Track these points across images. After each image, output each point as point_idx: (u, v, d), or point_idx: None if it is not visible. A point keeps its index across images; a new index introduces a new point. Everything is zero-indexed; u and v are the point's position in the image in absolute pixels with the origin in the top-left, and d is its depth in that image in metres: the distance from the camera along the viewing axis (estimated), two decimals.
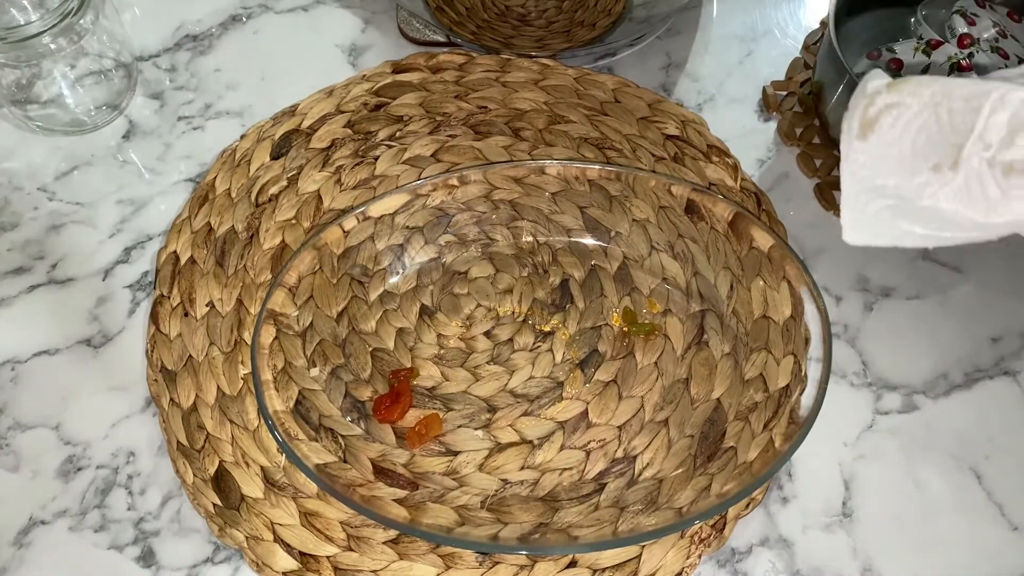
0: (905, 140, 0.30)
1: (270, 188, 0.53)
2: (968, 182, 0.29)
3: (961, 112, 0.29)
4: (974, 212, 0.29)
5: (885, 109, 0.30)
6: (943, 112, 0.29)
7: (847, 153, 0.32)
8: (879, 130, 0.31)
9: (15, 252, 0.53)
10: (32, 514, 0.45)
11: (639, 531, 0.41)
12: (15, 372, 0.49)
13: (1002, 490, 0.46)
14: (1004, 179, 0.29)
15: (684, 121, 0.56)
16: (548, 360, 0.48)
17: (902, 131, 0.30)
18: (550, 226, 0.52)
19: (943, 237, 0.31)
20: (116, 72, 0.58)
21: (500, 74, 0.58)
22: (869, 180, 0.31)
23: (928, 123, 0.30)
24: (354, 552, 0.43)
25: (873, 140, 0.31)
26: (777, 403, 0.44)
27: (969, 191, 0.29)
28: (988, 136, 0.28)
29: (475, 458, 0.45)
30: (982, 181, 0.29)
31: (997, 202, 0.29)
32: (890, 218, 0.31)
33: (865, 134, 0.31)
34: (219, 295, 0.50)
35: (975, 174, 0.29)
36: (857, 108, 0.31)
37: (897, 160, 0.30)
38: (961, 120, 0.29)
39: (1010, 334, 0.50)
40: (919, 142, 0.30)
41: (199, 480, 0.45)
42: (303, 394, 0.46)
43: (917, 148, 0.30)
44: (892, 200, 0.31)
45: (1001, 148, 0.28)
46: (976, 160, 0.29)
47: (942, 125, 0.30)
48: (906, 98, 0.30)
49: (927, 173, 0.30)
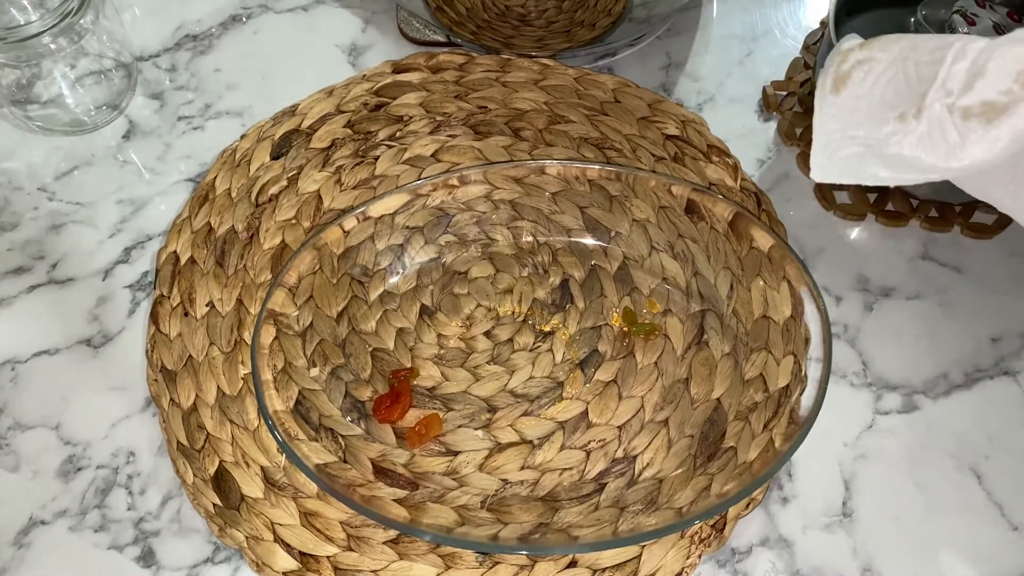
0: (875, 93, 0.32)
1: (270, 188, 0.53)
2: (930, 129, 0.30)
3: (926, 64, 0.30)
4: (935, 158, 0.31)
5: (857, 65, 0.32)
6: (910, 65, 0.31)
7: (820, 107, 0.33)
8: (851, 84, 0.32)
9: (15, 252, 0.53)
10: (32, 514, 0.45)
11: (639, 531, 0.41)
12: (15, 372, 0.49)
13: (1002, 490, 0.46)
14: (963, 123, 0.30)
15: (684, 121, 0.56)
16: (548, 360, 0.48)
17: (872, 85, 0.32)
18: (550, 226, 0.52)
19: (905, 179, 0.32)
20: (116, 72, 0.58)
21: (500, 74, 0.58)
22: (840, 131, 0.33)
23: (896, 76, 0.31)
24: (354, 552, 0.43)
25: (845, 94, 0.32)
26: (777, 403, 0.44)
27: (931, 138, 0.30)
28: (950, 83, 0.30)
29: (475, 458, 0.45)
30: (943, 127, 0.30)
31: (956, 146, 0.30)
32: (856, 163, 0.33)
33: (838, 88, 0.32)
34: (219, 295, 0.50)
35: (936, 120, 0.30)
36: (831, 65, 0.33)
37: (867, 111, 0.32)
38: (926, 71, 0.30)
39: (1010, 334, 0.50)
40: (887, 94, 0.31)
41: (199, 480, 0.45)
42: (303, 394, 0.46)
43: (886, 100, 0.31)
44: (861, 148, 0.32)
45: (961, 94, 0.30)
46: (938, 107, 0.30)
47: (908, 77, 0.31)
48: (876, 53, 0.32)
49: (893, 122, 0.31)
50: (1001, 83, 0.29)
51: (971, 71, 0.29)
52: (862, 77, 0.32)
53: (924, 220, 0.53)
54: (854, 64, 0.32)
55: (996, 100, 0.29)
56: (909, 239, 0.53)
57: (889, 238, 0.53)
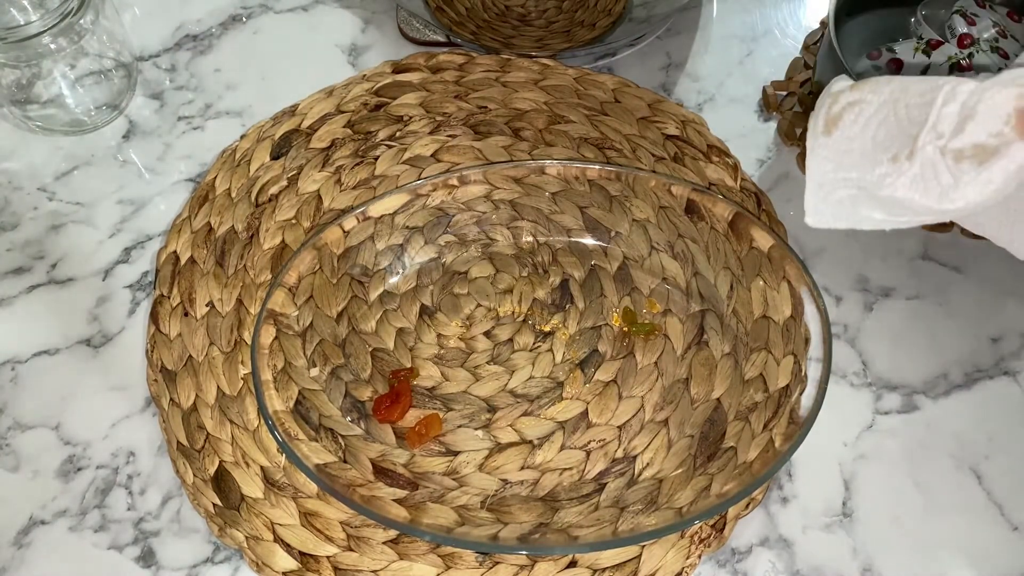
0: (866, 135, 0.32)
1: (270, 188, 0.53)
2: (923, 171, 0.30)
3: (917, 106, 0.30)
4: (928, 199, 0.31)
5: (848, 106, 0.32)
6: (901, 107, 0.31)
7: (812, 148, 0.33)
8: (842, 126, 0.32)
9: (15, 252, 0.53)
10: (32, 514, 0.45)
11: (639, 531, 0.41)
12: (15, 372, 0.49)
13: (1002, 490, 0.46)
14: (955, 165, 0.30)
15: (684, 121, 0.56)
16: (548, 360, 0.48)
17: (863, 126, 0.32)
18: (550, 226, 0.52)
19: (900, 221, 0.32)
20: (116, 72, 0.58)
21: (500, 74, 0.58)
22: (832, 173, 0.33)
23: (887, 118, 0.31)
24: (354, 552, 0.43)
25: (837, 136, 0.32)
26: (777, 403, 0.44)
27: (924, 179, 0.31)
28: (940, 126, 0.30)
29: (475, 458, 0.45)
30: (935, 169, 0.30)
31: (949, 188, 0.30)
32: (851, 205, 0.33)
33: (829, 130, 0.33)
34: (219, 295, 0.50)
35: (929, 162, 0.30)
36: (822, 107, 0.33)
37: (859, 153, 0.32)
38: (917, 113, 0.30)
39: (1010, 334, 0.50)
40: (879, 136, 0.32)
41: (199, 480, 0.45)
42: (303, 394, 0.46)
43: (878, 141, 0.32)
44: (854, 190, 0.32)
45: (952, 136, 0.30)
46: (930, 149, 0.30)
47: (900, 119, 0.31)
48: (867, 95, 0.32)
49: (886, 164, 0.31)
50: (992, 125, 0.29)
51: (962, 114, 0.30)
52: (853, 119, 0.32)
53: None
54: (845, 106, 0.32)
55: (987, 143, 0.29)
56: (909, 239, 0.53)
57: (889, 238, 0.53)
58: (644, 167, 0.53)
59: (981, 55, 0.52)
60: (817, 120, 0.33)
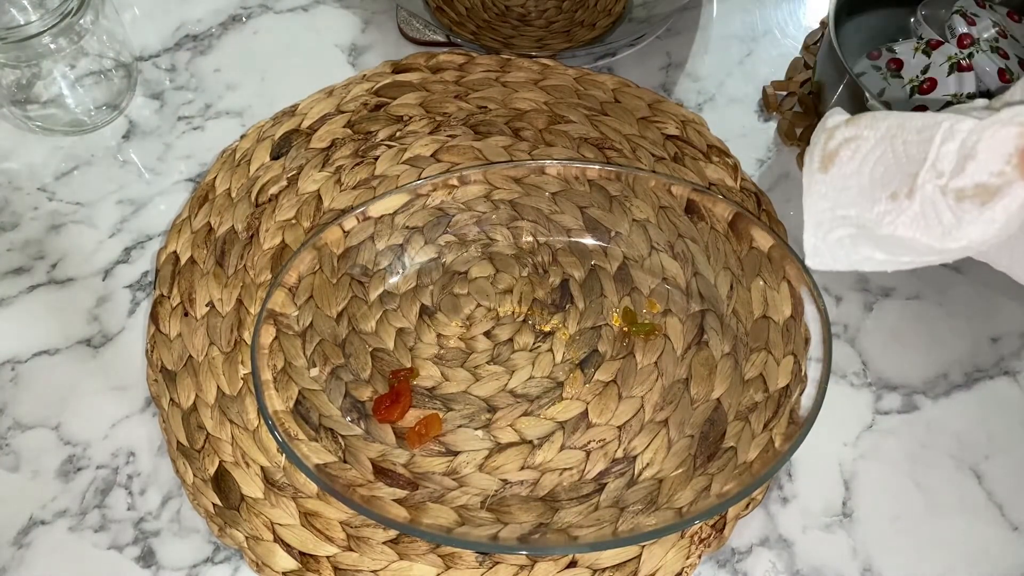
0: (864, 172, 0.31)
1: (270, 188, 0.53)
2: (923, 209, 0.30)
3: (915, 143, 0.30)
4: (930, 238, 0.30)
5: (844, 143, 0.32)
6: (898, 144, 0.31)
7: (809, 185, 0.33)
8: (839, 163, 0.32)
9: (15, 252, 0.53)
10: (32, 514, 0.45)
11: (639, 531, 0.41)
12: (15, 372, 0.49)
13: (1002, 490, 0.46)
14: (957, 205, 0.30)
15: (684, 121, 0.56)
16: (548, 360, 0.48)
17: (860, 163, 0.32)
18: (550, 226, 0.52)
19: (902, 262, 0.32)
20: (116, 72, 0.58)
21: (500, 74, 0.58)
22: (830, 211, 0.32)
23: (885, 155, 0.31)
24: (354, 552, 0.43)
25: (833, 172, 0.32)
26: (777, 403, 0.44)
27: (925, 218, 0.30)
28: (940, 165, 0.30)
29: (475, 458, 0.45)
30: (936, 208, 0.30)
31: (951, 227, 0.30)
32: (851, 245, 0.32)
33: (826, 167, 0.32)
34: (219, 295, 0.50)
35: (930, 201, 0.30)
36: (818, 143, 0.33)
37: (857, 191, 0.32)
38: (915, 150, 0.30)
39: (1010, 334, 0.50)
40: (876, 173, 0.31)
41: (199, 480, 0.45)
42: (303, 394, 0.46)
43: (875, 179, 0.31)
44: (853, 228, 0.32)
45: (953, 176, 0.29)
46: (930, 188, 0.30)
47: (898, 156, 0.31)
48: (863, 131, 0.32)
49: (885, 202, 0.31)
50: (993, 165, 0.29)
51: (961, 152, 0.29)
52: (850, 155, 0.32)
53: None
54: (841, 142, 0.32)
55: (989, 182, 0.29)
56: None
57: None
58: (644, 167, 0.53)
59: (981, 55, 0.52)
60: (813, 156, 0.33)
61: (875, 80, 0.54)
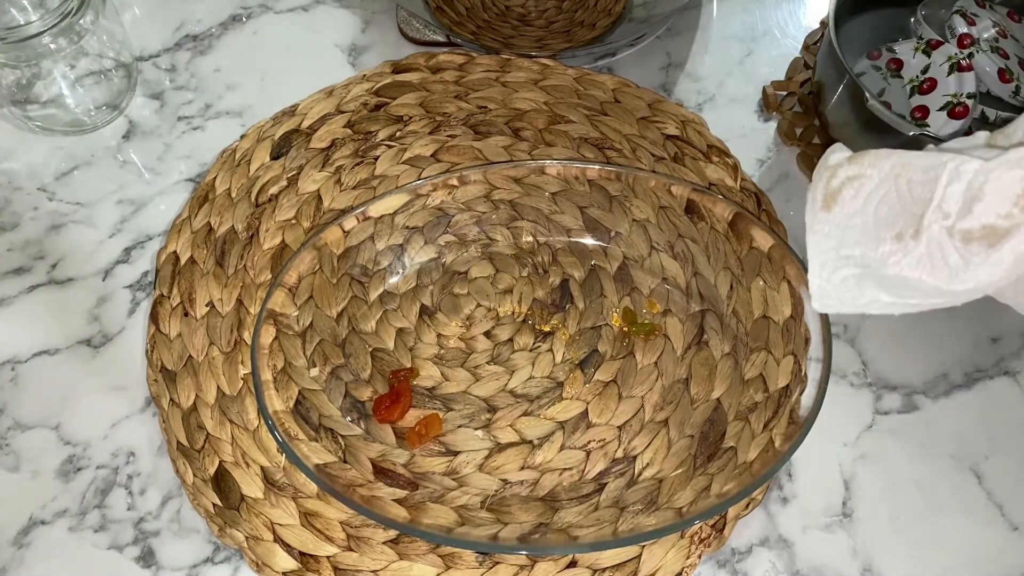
0: (868, 210, 0.31)
1: (270, 188, 0.53)
2: (930, 250, 0.30)
3: (920, 183, 0.30)
4: (937, 279, 0.30)
5: (847, 181, 0.32)
6: (903, 183, 0.30)
7: (811, 224, 0.33)
8: (842, 201, 0.32)
9: (15, 252, 0.53)
10: (32, 514, 0.45)
11: (639, 531, 0.41)
12: (15, 372, 0.49)
13: (1002, 490, 0.46)
14: (964, 247, 0.29)
15: (684, 121, 0.56)
16: (548, 360, 0.48)
17: (864, 202, 0.31)
18: (550, 226, 0.52)
19: (909, 304, 0.32)
20: (116, 72, 0.58)
21: (500, 74, 0.58)
22: (834, 250, 0.32)
23: (889, 194, 0.31)
24: (354, 552, 0.43)
25: (837, 211, 0.32)
26: (777, 403, 0.44)
27: (931, 259, 0.30)
28: (946, 206, 0.29)
29: (475, 458, 0.45)
30: (943, 249, 0.30)
31: (958, 269, 0.30)
32: (856, 286, 0.32)
33: (829, 206, 0.32)
34: (219, 295, 0.50)
35: (936, 243, 0.30)
36: (820, 181, 0.32)
37: (861, 230, 0.31)
38: (920, 190, 0.30)
39: (1010, 334, 0.50)
40: (881, 212, 0.31)
41: (199, 480, 0.45)
42: (303, 394, 0.46)
43: (879, 218, 0.31)
44: (858, 269, 0.32)
45: (959, 217, 0.29)
46: (936, 229, 0.30)
47: (902, 195, 0.30)
48: (867, 169, 0.31)
49: (890, 242, 0.31)
50: (1000, 207, 0.29)
51: (968, 194, 0.29)
52: (853, 194, 0.31)
53: None
54: (844, 180, 0.32)
55: (997, 224, 0.29)
56: None
57: None
58: (644, 167, 0.53)
59: (981, 55, 0.52)
60: (816, 194, 0.33)
61: (875, 80, 0.54)
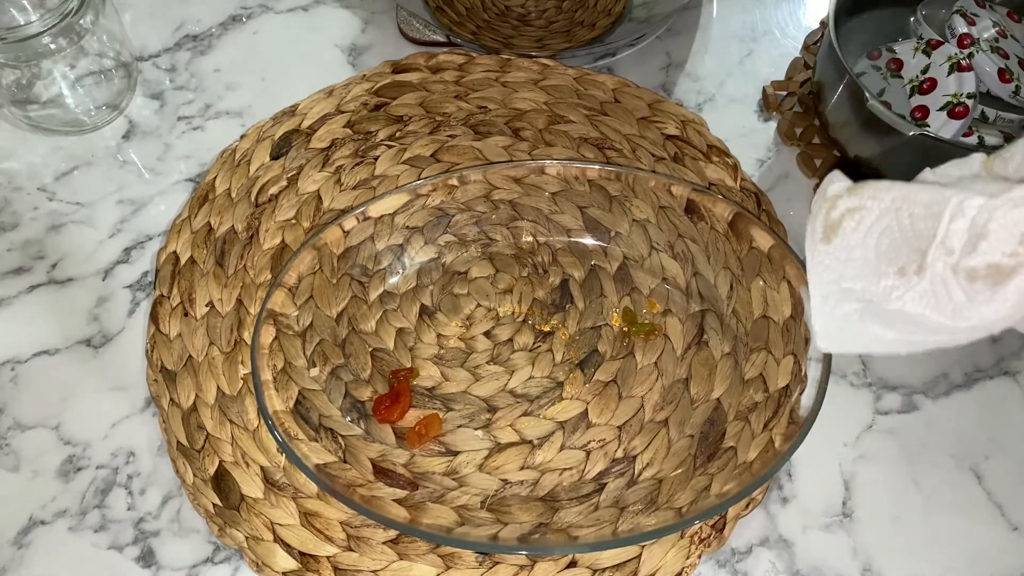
0: (868, 243, 0.31)
1: (270, 188, 0.53)
2: (934, 286, 0.30)
3: (923, 217, 0.30)
4: (941, 316, 0.30)
5: (847, 213, 0.31)
6: (904, 217, 0.30)
7: (811, 257, 0.32)
8: (842, 233, 0.31)
9: (15, 252, 0.53)
10: (32, 514, 0.45)
11: (639, 531, 0.41)
12: (15, 372, 0.49)
13: (1002, 490, 0.46)
14: (969, 284, 0.29)
15: (684, 121, 0.56)
16: (548, 360, 0.48)
17: (865, 234, 0.31)
18: (550, 226, 0.52)
19: (914, 341, 0.31)
20: (116, 72, 0.58)
21: (500, 74, 0.58)
22: (835, 284, 0.32)
23: (890, 227, 0.30)
24: (354, 552, 0.43)
25: (837, 243, 0.32)
26: (777, 403, 0.44)
27: (935, 295, 0.30)
28: (950, 242, 0.29)
29: (475, 458, 0.45)
30: (947, 286, 0.29)
31: (963, 306, 0.29)
32: (859, 322, 0.32)
33: (829, 237, 0.32)
34: (219, 295, 0.50)
35: (940, 279, 0.29)
36: (819, 212, 0.32)
37: (862, 263, 0.31)
38: (923, 225, 0.30)
39: (1010, 334, 0.49)
40: (882, 245, 0.31)
41: (199, 480, 0.45)
42: (303, 394, 0.46)
43: (881, 251, 0.31)
44: (860, 303, 0.31)
45: (964, 255, 0.29)
46: (940, 265, 0.29)
47: (904, 229, 0.30)
48: (867, 201, 0.31)
49: (892, 276, 0.30)
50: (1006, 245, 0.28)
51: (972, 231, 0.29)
52: (854, 226, 0.31)
53: None
54: (844, 212, 0.31)
55: (1002, 263, 0.28)
56: None
57: None
58: (644, 167, 0.53)
59: (981, 55, 0.52)
60: (815, 226, 0.32)
61: (875, 80, 0.54)
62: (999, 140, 0.51)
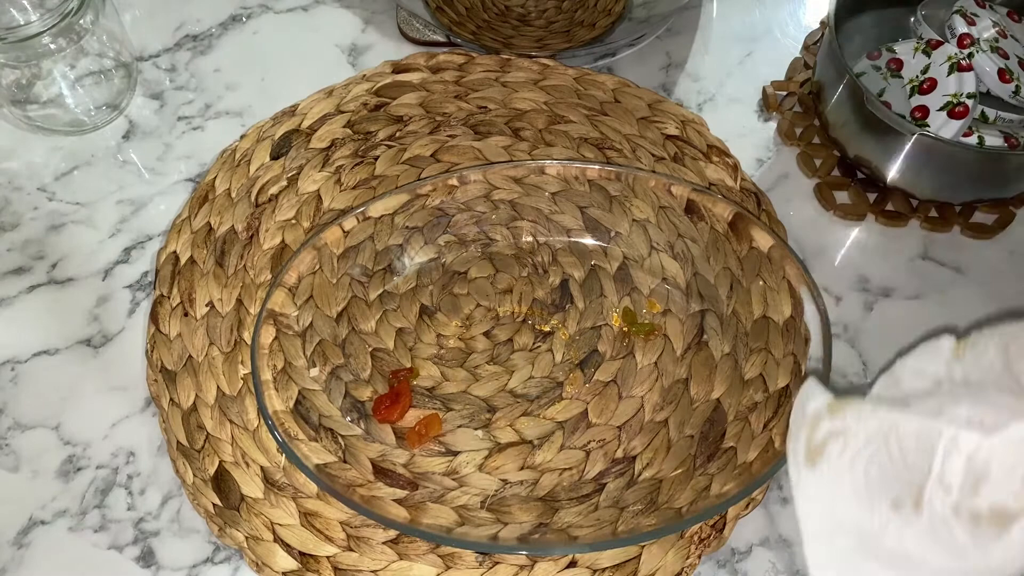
0: (857, 470, 0.30)
1: (270, 188, 0.53)
2: (934, 526, 0.28)
3: (914, 451, 0.29)
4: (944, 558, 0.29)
5: (831, 436, 0.30)
6: (894, 446, 0.29)
7: (797, 483, 0.31)
8: (828, 458, 0.30)
9: (15, 252, 0.53)
10: (32, 514, 0.45)
11: (639, 531, 0.41)
12: (15, 372, 0.49)
13: None
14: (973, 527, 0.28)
15: (684, 121, 0.56)
16: (548, 360, 0.48)
17: (852, 460, 0.30)
18: (550, 226, 0.52)
19: None
20: (116, 72, 0.58)
21: (500, 74, 0.58)
22: (827, 516, 0.31)
23: (879, 455, 0.29)
24: (354, 552, 0.43)
25: (823, 468, 0.30)
26: (777, 403, 0.44)
27: (936, 535, 0.28)
28: (947, 479, 0.28)
29: (475, 458, 0.45)
30: (948, 526, 0.28)
31: (967, 548, 0.28)
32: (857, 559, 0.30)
33: (814, 460, 0.30)
34: (219, 295, 0.50)
35: (940, 519, 0.28)
36: (800, 432, 0.31)
37: (852, 492, 0.30)
38: (915, 458, 0.29)
39: None
40: (872, 473, 0.29)
41: (199, 480, 0.45)
42: (303, 394, 0.46)
43: (871, 480, 0.29)
44: (854, 537, 0.30)
45: (964, 496, 0.28)
46: (939, 505, 0.28)
47: (894, 460, 0.29)
48: (851, 424, 0.30)
49: (887, 510, 0.29)
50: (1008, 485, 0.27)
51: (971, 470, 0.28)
52: (839, 451, 0.30)
53: (924, 220, 0.53)
54: (827, 435, 0.30)
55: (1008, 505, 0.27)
56: (909, 239, 0.53)
57: (889, 238, 0.53)
58: (644, 167, 0.53)
59: (981, 55, 0.52)
60: (797, 448, 0.31)
61: (875, 80, 0.54)
62: (999, 140, 0.51)
